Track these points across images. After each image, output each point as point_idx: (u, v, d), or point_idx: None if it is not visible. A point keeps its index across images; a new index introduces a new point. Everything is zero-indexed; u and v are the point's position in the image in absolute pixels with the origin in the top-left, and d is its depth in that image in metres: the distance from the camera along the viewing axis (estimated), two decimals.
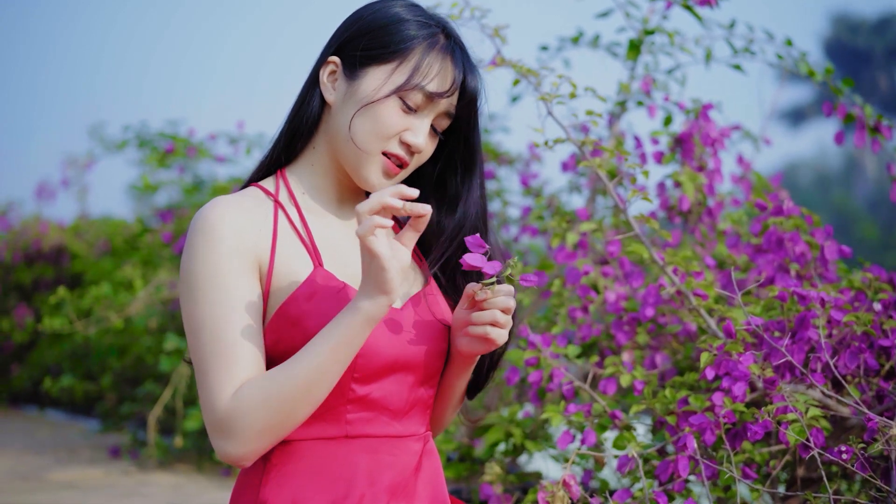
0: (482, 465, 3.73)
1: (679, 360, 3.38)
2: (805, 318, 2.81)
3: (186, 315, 2.19)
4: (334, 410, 2.21)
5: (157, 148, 6.89)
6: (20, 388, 9.12)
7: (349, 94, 2.29)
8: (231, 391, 2.11)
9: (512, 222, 5.21)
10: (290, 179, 2.36)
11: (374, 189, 2.30)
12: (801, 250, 3.20)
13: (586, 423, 3.06)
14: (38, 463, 6.25)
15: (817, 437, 2.65)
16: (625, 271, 3.50)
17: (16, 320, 8.79)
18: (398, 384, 2.25)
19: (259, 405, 2.10)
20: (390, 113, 2.26)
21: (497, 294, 2.21)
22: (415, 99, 2.27)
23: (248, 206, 2.25)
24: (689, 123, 3.70)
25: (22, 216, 9.40)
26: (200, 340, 2.15)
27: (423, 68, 2.26)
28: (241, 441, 2.12)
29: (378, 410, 2.24)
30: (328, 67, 2.33)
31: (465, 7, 3.22)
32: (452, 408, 2.47)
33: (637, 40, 4.15)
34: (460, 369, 2.38)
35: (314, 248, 2.26)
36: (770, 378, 2.71)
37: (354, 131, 2.27)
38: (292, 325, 2.18)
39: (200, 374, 2.16)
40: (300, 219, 2.29)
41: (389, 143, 2.27)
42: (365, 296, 2.09)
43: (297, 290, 2.19)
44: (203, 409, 2.16)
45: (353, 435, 2.22)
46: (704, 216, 3.70)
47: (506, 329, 2.24)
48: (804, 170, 48.29)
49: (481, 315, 2.21)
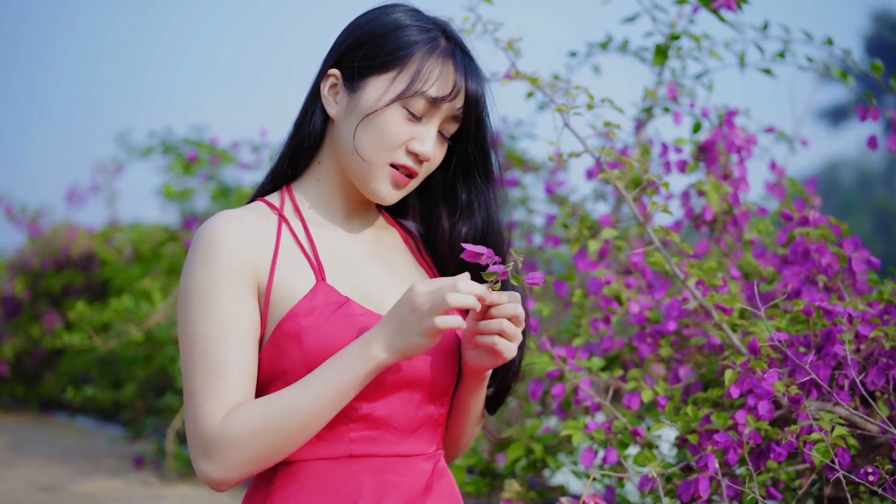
0: (504, 481, 3.67)
1: (704, 373, 3.30)
2: (831, 334, 2.73)
3: (180, 330, 2.15)
4: (337, 429, 2.15)
5: (181, 155, 6.88)
6: (50, 395, 9.15)
7: (351, 106, 2.23)
8: (220, 413, 2.07)
9: (536, 231, 5.14)
10: (296, 194, 2.31)
11: (384, 202, 2.25)
12: (828, 262, 3.11)
13: (608, 439, 2.99)
14: (60, 473, 6.26)
15: (843, 457, 2.57)
16: (647, 282, 3.42)
17: (45, 327, 8.81)
18: (404, 402, 2.19)
19: (250, 435, 2.06)
20: (394, 122, 2.20)
21: (504, 300, 2.11)
22: (417, 106, 2.20)
23: (250, 220, 2.20)
24: (713, 131, 3.62)
25: (53, 222, 9.42)
26: (192, 357, 2.12)
27: (424, 73, 2.20)
28: (226, 467, 2.08)
29: (383, 429, 2.17)
30: (328, 80, 2.27)
31: (477, 21, 3.16)
32: (471, 427, 2.39)
33: (664, 45, 4.07)
34: (472, 386, 2.30)
35: (318, 261, 2.20)
36: (795, 396, 2.64)
37: (359, 144, 2.21)
38: (291, 342, 2.13)
39: (189, 391, 2.12)
40: (305, 232, 2.24)
41: (396, 153, 2.21)
42: (385, 348, 2.06)
43: (297, 305, 2.14)
44: (188, 426, 2.12)
45: (357, 454, 2.16)
46: (730, 226, 3.61)
47: (515, 341, 2.14)
48: (845, 169, 47.93)
49: (489, 324, 2.12)
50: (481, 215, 2.36)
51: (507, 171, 5.31)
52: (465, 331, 2.19)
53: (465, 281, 2.04)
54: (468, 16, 3.18)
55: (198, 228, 2.20)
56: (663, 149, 3.72)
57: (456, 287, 2.03)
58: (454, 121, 2.27)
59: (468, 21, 3.16)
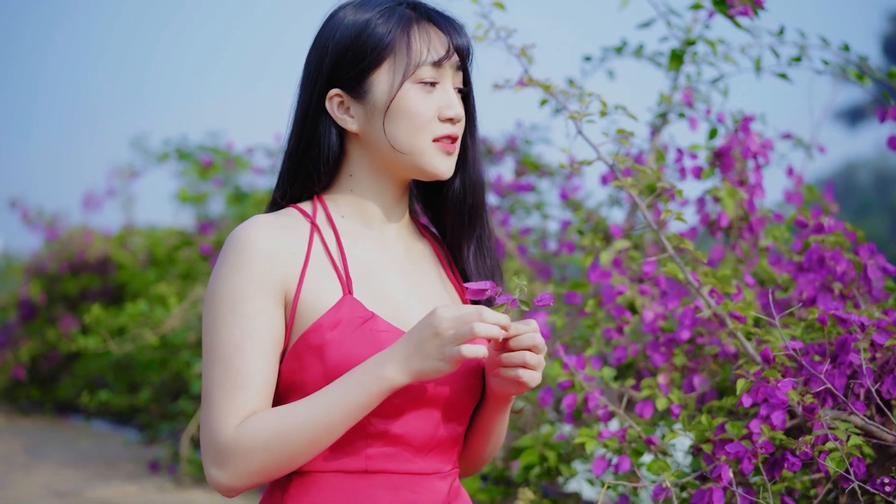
0: (517, 489, 3.65)
1: (719, 381, 3.28)
2: (846, 342, 2.71)
3: (204, 333, 2.15)
4: (354, 443, 2.13)
5: (197, 161, 6.89)
6: (66, 398, 9.17)
7: (368, 110, 2.21)
8: (235, 421, 2.07)
9: (551, 237, 5.12)
10: (329, 203, 2.28)
11: (445, 175, 2.24)
12: (844, 269, 3.09)
13: (622, 447, 2.98)
14: (76, 477, 6.27)
15: (858, 468, 2.56)
16: (661, 290, 3.41)
17: (61, 330, 8.83)
18: (423, 420, 2.17)
19: (262, 447, 2.05)
20: (415, 100, 2.20)
21: (522, 331, 2.09)
22: (427, 74, 2.20)
23: (283, 227, 2.18)
24: (729, 137, 3.60)
25: (69, 226, 9.44)
26: (213, 362, 2.11)
27: (414, 46, 2.20)
28: (235, 475, 2.07)
29: (400, 446, 2.15)
30: (333, 102, 2.24)
31: (490, 28, 3.15)
32: (492, 446, 2.37)
33: (679, 50, 4.05)
34: (496, 408, 2.28)
35: (346, 274, 2.18)
36: (810, 405, 2.62)
37: (394, 138, 2.20)
38: (313, 354, 2.12)
39: (207, 394, 2.11)
40: (336, 242, 2.22)
41: (431, 127, 2.20)
42: (401, 370, 2.04)
43: (322, 317, 2.13)
44: (202, 430, 2.12)
45: (372, 470, 2.14)
46: (745, 232, 3.59)
47: (538, 370, 2.12)
48: (863, 170, 47.75)
49: (510, 357, 2.10)
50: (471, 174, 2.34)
51: (522, 176, 5.29)
52: (488, 361, 2.17)
53: (489, 310, 2.03)
54: (481, 22, 3.16)
55: (230, 233, 2.19)
56: (679, 155, 3.71)
57: (482, 317, 2.01)
58: (458, 71, 2.27)
59: (481, 28, 3.14)
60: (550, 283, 4.49)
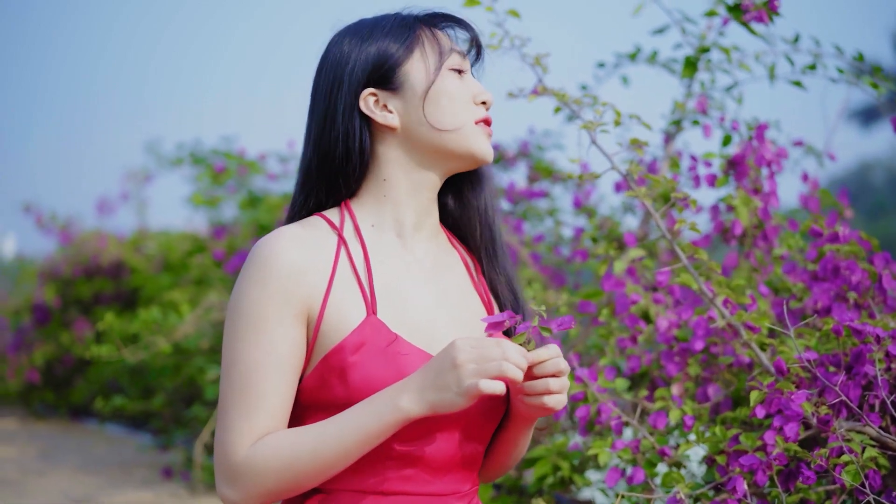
0: (531, 498, 3.64)
1: (733, 391, 3.26)
2: (861, 353, 2.69)
3: (224, 347, 2.13)
4: (373, 464, 2.11)
5: (210, 165, 6.90)
6: (80, 402, 9.18)
7: (407, 99, 2.21)
8: (248, 441, 2.06)
9: (564, 243, 5.10)
10: (357, 212, 2.25)
11: (489, 159, 2.26)
12: (859, 279, 3.08)
13: (635, 458, 2.96)
14: (91, 483, 6.27)
15: (874, 480, 2.54)
16: (675, 299, 3.39)
17: (75, 334, 8.85)
18: (443, 442, 2.14)
19: (274, 470, 2.04)
20: (453, 83, 2.22)
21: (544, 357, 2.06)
22: (457, 62, 2.24)
23: (309, 241, 2.15)
24: (743, 145, 3.58)
25: (83, 230, 9.46)
26: (231, 377, 2.09)
27: (440, 35, 2.26)
28: (246, 494, 2.06)
29: (419, 467, 2.13)
30: (368, 101, 2.22)
31: (504, 36, 3.14)
32: (514, 457, 2.36)
33: (693, 57, 4.04)
34: (521, 427, 2.26)
35: (371, 292, 2.14)
36: (824, 417, 2.60)
37: (438, 120, 2.20)
38: (336, 376, 2.09)
39: (222, 411, 2.10)
40: (363, 256, 2.18)
41: (471, 109, 2.23)
42: (417, 401, 2.01)
43: (346, 339, 2.09)
44: (216, 445, 2.10)
45: (389, 491, 2.12)
46: (760, 240, 3.57)
47: (563, 393, 2.09)
48: (878, 169, 47.59)
49: (534, 385, 2.07)
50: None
51: (534, 183, 5.28)
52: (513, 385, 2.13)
53: (513, 350, 2.00)
54: (495, 31, 3.15)
55: (255, 245, 2.16)
56: (692, 162, 3.69)
57: (507, 357, 1.98)
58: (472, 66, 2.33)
59: (495, 37, 3.13)
60: (564, 290, 4.48)
